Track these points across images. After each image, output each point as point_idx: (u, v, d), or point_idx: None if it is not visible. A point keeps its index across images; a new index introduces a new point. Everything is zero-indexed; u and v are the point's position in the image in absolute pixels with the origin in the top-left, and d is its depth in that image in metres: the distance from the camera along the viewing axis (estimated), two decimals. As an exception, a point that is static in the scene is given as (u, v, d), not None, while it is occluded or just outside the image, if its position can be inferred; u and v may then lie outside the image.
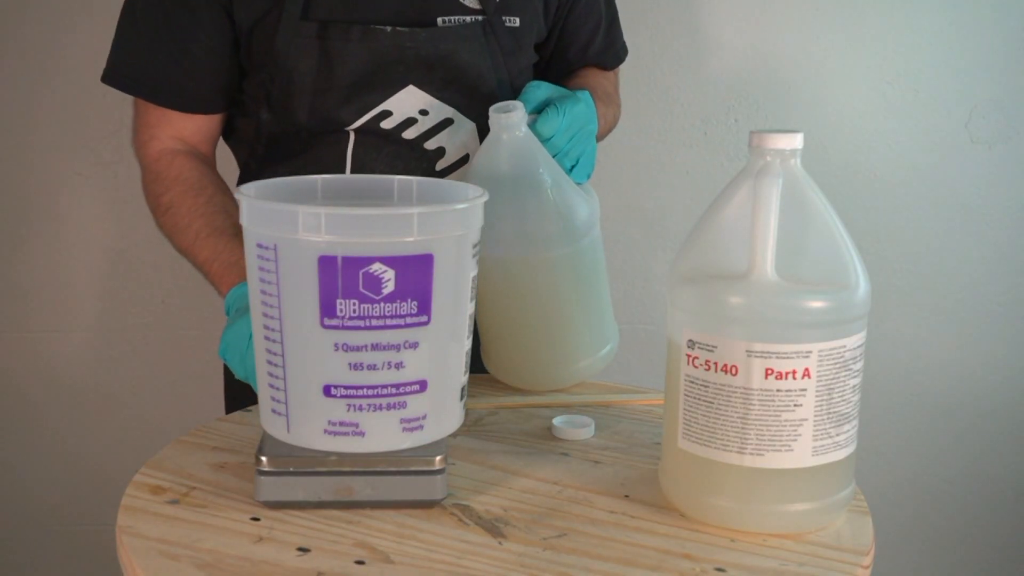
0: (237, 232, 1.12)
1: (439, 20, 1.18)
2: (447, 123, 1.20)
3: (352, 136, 1.19)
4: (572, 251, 1.10)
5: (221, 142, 1.29)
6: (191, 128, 1.21)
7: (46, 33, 1.68)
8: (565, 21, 1.31)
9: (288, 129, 1.19)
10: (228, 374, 1.37)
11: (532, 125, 1.10)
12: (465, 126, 1.21)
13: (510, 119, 1.07)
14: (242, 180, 1.28)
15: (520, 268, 1.09)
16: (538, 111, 1.13)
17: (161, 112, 1.20)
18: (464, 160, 1.22)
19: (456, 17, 1.19)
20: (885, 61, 1.77)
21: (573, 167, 1.16)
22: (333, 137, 1.19)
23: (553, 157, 1.11)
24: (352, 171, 1.19)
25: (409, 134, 1.19)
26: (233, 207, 1.17)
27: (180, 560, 0.77)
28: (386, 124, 1.18)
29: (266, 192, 0.90)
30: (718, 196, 0.85)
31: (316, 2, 1.15)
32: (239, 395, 1.25)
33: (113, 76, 1.20)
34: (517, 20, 1.23)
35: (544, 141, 1.11)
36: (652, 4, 1.74)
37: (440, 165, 1.22)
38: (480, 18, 1.20)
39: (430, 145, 1.20)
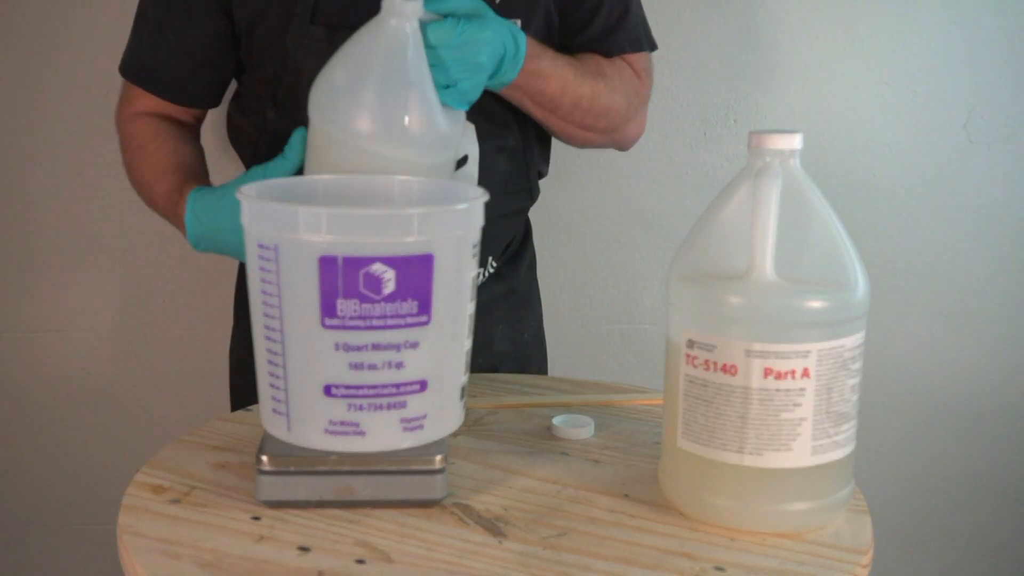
0: (190, 167, 1.19)
1: None
2: None
3: None
4: (417, 156, 1.01)
5: (226, 143, 1.30)
6: (175, 110, 1.26)
7: (46, 33, 1.68)
8: (563, 3, 1.27)
9: (292, 128, 1.19)
10: (234, 372, 1.38)
11: (425, 25, 1.03)
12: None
13: (404, 7, 0.99)
14: None
15: (358, 155, 1.00)
16: (444, 16, 1.05)
17: (143, 94, 1.25)
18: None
19: None
20: (885, 61, 1.78)
21: (447, 88, 1.06)
22: None
23: (431, 68, 1.03)
24: None
25: None
26: (187, 149, 1.22)
27: (181, 559, 0.77)
28: None
29: (267, 192, 0.90)
30: (718, 196, 0.85)
31: (322, 7, 1.16)
32: (246, 392, 1.25)
33: (123, 68, 1.25)
34: (518, 22, 1.22)
35: (428, 47, 1.02)
36: (652, 4, 1.73)
37: None
38: None
39: None
